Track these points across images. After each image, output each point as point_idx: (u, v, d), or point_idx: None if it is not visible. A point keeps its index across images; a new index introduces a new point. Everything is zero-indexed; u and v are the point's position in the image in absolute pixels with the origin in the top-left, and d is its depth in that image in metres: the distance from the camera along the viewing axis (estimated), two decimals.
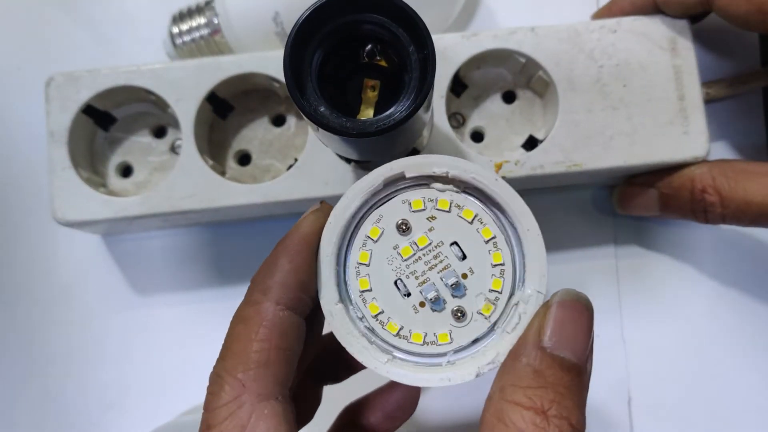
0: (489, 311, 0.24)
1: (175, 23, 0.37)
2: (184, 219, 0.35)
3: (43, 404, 0.39)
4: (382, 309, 0.24)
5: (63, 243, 0.39)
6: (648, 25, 0.34)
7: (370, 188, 0.24)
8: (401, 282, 0.24)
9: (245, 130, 0.36)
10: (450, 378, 0.23)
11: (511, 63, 0.35)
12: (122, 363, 0.39)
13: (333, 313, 0.24)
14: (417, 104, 0.23)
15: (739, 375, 0.38)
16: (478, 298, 0.24)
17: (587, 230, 0.39)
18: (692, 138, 0.33)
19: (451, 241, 0.24)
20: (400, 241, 0.24)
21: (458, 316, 0.24)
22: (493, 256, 0.24)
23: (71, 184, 0.33)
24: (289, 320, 0.23)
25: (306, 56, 0.24)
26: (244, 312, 0.23)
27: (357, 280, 0.24)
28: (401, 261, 0.24)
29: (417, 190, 0.24)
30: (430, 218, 0.24)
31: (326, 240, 0.24)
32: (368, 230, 0.24)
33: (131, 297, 0.39)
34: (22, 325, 0.39)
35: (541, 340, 0.22)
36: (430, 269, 0.24)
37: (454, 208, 0.24)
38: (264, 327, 0.23)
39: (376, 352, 0.24)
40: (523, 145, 0.35)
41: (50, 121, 0.34)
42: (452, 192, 0.24)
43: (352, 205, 0.24)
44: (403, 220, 0.24)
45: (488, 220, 0.24)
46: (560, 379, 0.21)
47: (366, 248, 0.24)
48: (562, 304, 0.22)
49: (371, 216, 0.24)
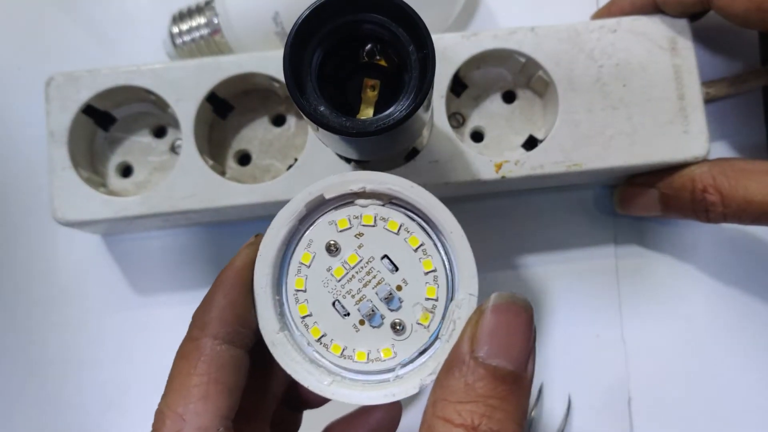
0: (427, 320, 0.24)
1: (175, 23, 0.37)
2: (185, 219, 0.35)
3: (43, 404, 0.39)
4: (324, 332, 0.24)
5: (63, 243, 0.39)
6: (648, 25, 0.34)
7: (294, 215, 0.24)
8: (338, 303, 0.24)
9: (245, 130, 0.36)
10: (394, 393, 0.23)
11: (511, 63, 0.35)
12: (122, 363, 0.39)
13: (275, 342, 0.24)
14: (417, 103, 0.23)
15: (739, 375, 0.38)
16: (415, 308, 0.24)
17: (587, 230, 0.39)
18: (692, 137, 0.33)
19: (382, 255, 0.24)
20: (332, 262, 0.24)
21: (398, 329, 0.24)
22: (423, 263, 0.24)
23: (71, 184, 0.33)
24: (228, 354, 0.24)
25: (306, 56, 0.24)
26: (185, 348, 0.24)
27: (297, 307, 0.24)
28: (336, 282, 0.24)
29: (341, 209, 0.24)
30: (357, 235, 0.24)
31: (259, 272, 0.24)
32: (300, 256, 0.24)
33: (131, 297, 0.39)
34: (21, 325, 0.39)
35: (474, 349, 0.21)
36: (365, 286, 0.24)
37: (379, 221, 0.24)
38: (202, 362, 0.23)
39: (321, 375, 0.24)
40: (523, 145, 0.35)
41: (50, 121, 0.34)
42: (376, 206, 0.24)
43: (280, 234, 0.24)
44: (332, 241, 0.24)
45: (414, 228, 0.24)
46: (493, 391, 0.20)
47: (301, 274, 0.24)
48: (495, 309, 0.22)
49: (301, 242, 0.24)
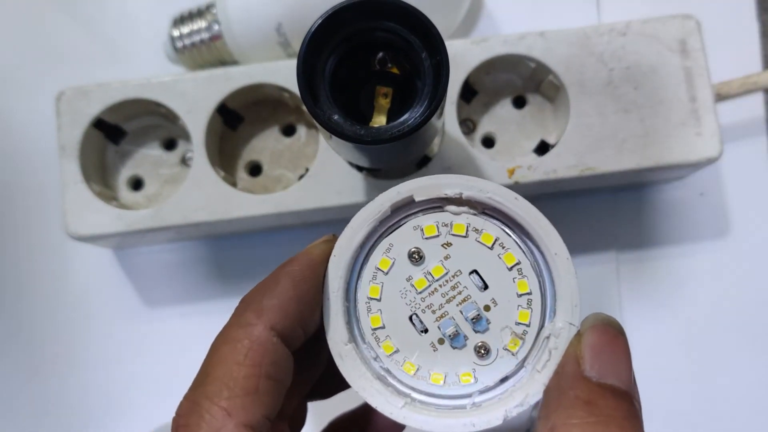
0: (516, 347, 0.22)
1: (175, 26, 0.37)
2: (197, 231, 0.35)
3: (45, 407, 0.39)
4: (397, 348, 0.22)
5: (75, 257, 0.39)
6: (657, 28, 0.33)
7: (377, 215, 0.22)
8: (417, 317, 0.22)
9: (256, 141, 0.36)
10: (474, 423, 0.21)
11: (521, 68, 0.34)
12: (131, 371, 0.39)
13: (343, 354, 0.22)
14: (431, 110, 0.23)
15: (739, 375, 0.38)
16: (503, 332, 0.22)
17: (589, 234, 0.39)
18: (705, 139, 0.33)
19: (470, 270, 0.22)
20: (414, 271, 0.22)
21: (482, 353, 0.22)
22: (518, 284, 0.22)
23: (83, 199, 0.33)
24: (282, 351, 0.21)
25: (319, 64, 0.23)
26: (232, 333, 0.21)
27: (368, 317, 0.22)
28: (416, 294, 0.22)
29: (429, 214, 0.22)
30: (445, 245, 0.22)
31: (332, 274, 0.22)
32: (378, 261, 0.22)
33: (141, 309, 0.39)
34: (34, 338, 0.39)
35: (583, 370, 0.19)
36: (448, 302, 0.22)
37: (472, 232, 0.22)
38: (255, 351, 0.20)
39: (392, 395, 0.22)
40: (535, 150, 0.35)
41: (61, 135, 0.34)
42: (468, 214, 0.22)
43: (358, 235, 0.22)
44: (416, 248, 0.22)
45: (511, 244, 0.22)
46: (616, 409, 0.19)
47: (376, 281, 0.22)
48: (594, 330, 0.20)
49: (380, 246, 0.22)
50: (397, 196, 0.22)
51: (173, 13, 0.38)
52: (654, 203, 0.39)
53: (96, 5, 0.42)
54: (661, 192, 0.39)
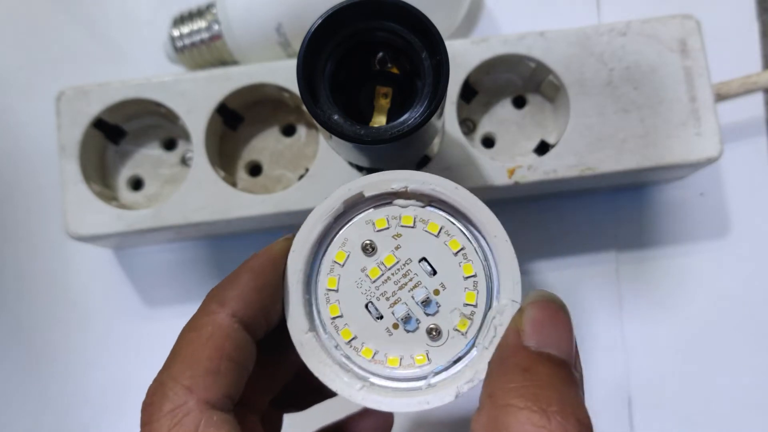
0: (465, 327, 0.23)
1: (175, 26, 0.37)
2: (196, 231, 0.35)
3: (45, 407, 0.39)
4: (355, 334, 0.23)
5: (75, 258, 0.39)
6: (657, 28, 0.33)
7: (331, 212, 0.23)
8: (372, 305, 0.23)
9: (256, 141, 0.36)
10: (428, 401, 0.22)
11: (521, 68, 0.34)
12: (127, 369, 0.39)
13: (303, 342, 0.23)
14: (431, 110, 0.23)
15: (739, 375, 0.38)
16: (452, 313, 0.23)
17: (589, 234, 0.39)
18: (705, 139, 0.33)
19: (420, 257, 0.23)
20: (368, 262, 0.23)
21: (433, 334, 0.23)
22: (463, 268, 0.23)
23: (83, 199, 0.33)
24: (243, 337, 0.22)
25: (319, 64, 0.23)
26: (197, 321, 0.22)
27: (327, 307, 0.23)
28: (370, 283, 0.23)
29: (380, 208, 0.24)
30: (395, 236, 0.23)
31: (292, 268, 0.23)
32: (334, 255, 0.24)
33: (142, 310, 0.39)
34: (34, 338, 0.39)
35: (522, 340, 0.20)
36: (401, 288, 0.23)
37: (419, 222, 0.23)
38: (217, 336, 0.21)
39: (351, 379, 0.23)
40: (535, 150, 0.35)
41: (61, 135, 0.34)
42: (415, 207, 0.24)
43: (315, 231, 0.23)
44: (369, 240, 0.23)
45: (455, 231, 0.23)
46: (554, 375, 0.19)
47: (333, 273, 0.24)
48: (535, 305, 0.21)
49: (336, 240, 0.24)
50: (348, 192, 0.23)
51: (173, 13, 0.38)
52: (654, 203, 0.39)
53: (96, 5, 0.42)
54: (661, 192, 0.39)
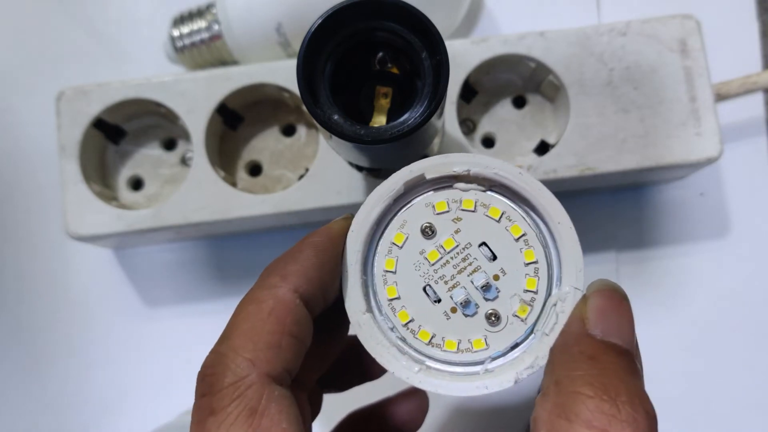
0: (525, 313, 0.23)
1: (175, 26, 0.37)
2: (196, 231, 0.35)
3: (45, 407, 0.39)
4: (413, 317, 0.23)
5: (75, 258, 0.39)
6: (657, 28, 0.33)
7: (391, 193, 0.23)
8: (430, 288, 0.23)
9: (256, 141, 0.36)
10: (487, 386, 0.22)
11: (521, 68, 0.34)
12: (127, 368, 0.39)
13: (361, 323, 0.23)
14: (431, 110, 0.23)
15: (739, 376, 0.38)
16: (512, 299, 0.23)
17: (589, 234, 0.39)
18: (705, 139, 0.33)
19: (480, 242, 0.23)
20: (426, 245, 0.23)
21: (492, 320, 0.23)
22: (524, 254, 0.23)
23: (83, 199, 0.33)
24: (304, 313, 0.22)
25: (319, 64, 0.23)
26: (257, 294, 0.22)
27: (384, 289, 0.23)
28: (429, 266, 0.23)
29: (440, 191, 0.23)
30: (455, 220, 0.23)
31: (351, 248, 0.23)
32: (393, 236, 0.23)
33: (142, 310, 0.39)
34: (34, 338, 0.39)
35: (587, 329, 0.20)
36: (460, 272, 0.23)
37: (480, 207, 0.23)
38: (278, 310, 0.21)
39: (408, 361, 0.23)
40: (535, 150, 0.35)
41: (61, 135, 0.34)
42: (476, 191, 0.23)
43: (374, 212, 0.23)
44: (428, 223, 0.23)
45: (517, 216, 0.23)
46: (619, 364, 0.19)
47: (392, 255, 0.23)
48: (600, 294, 0.21)
49: (395, 222, 0.23)
50: (409, 174, 0.23)
51: (173, 13, 0.38)
52: (654, 203, 0.39)
53: (96, 5, 0.42)
54: (661, 192, 0.39)
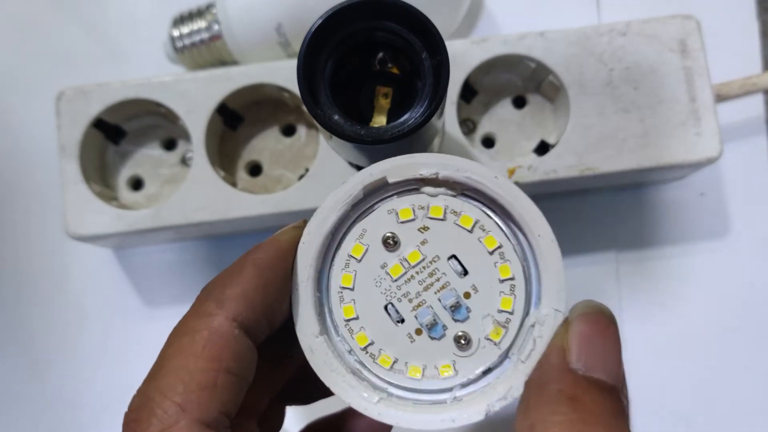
0: (499, 336, 0.20)
1: (175, 26, 0.37)
2: (197, 231, 0.35)
3: (44, 406, 0.39)
4: (372, 339, 0.21)
5: (75, 258, 0.39)
6: (657, 28, 0.33)
7: (348, 199, 0.21)
8: (392, 306, 0.21)
9: (256, 141, 0.36)
10: (454, 419, 0.20)
11: (521, 68, 0.34)
12: (131, 371, 0.38)
13: (313, 347, 0.20)
14: (431, 110, 0.23)
15: (739, 376, 0.38)
16: (485, 320, 0.20)
17: (589, 234, 0.39)
18: (705, 139, 0.33)
19: (449, 255, 0.21)
20: (389, 258, 0.21)
21: (462, 343, 0.20)
22: (500, 269, 0.20)
23: (83, 199, 0.33)
24: (244, 343, 0.19)
25: (319, 64, 0.23)
26: (190, 323, 0.19)
27: (341, 307, 0.21)
28: (391, 282, 0.21)
29: (404, 196, 0.21)
30: (421, 229, 0.21)
31: (302, 262, 0.21)
32: (350, 248, 0.21)
33: (142, 310, 0.39)
34: (34, 337, 0.39)
35: (569, 362, 0.18)
36: (426, 289, 0.21)
37: (450, 214, 0.21)
38: (214, 343, 0.19)
39: (366, 390, 0.20)
40: (535, 150, 0.35)
41: (61, 135, 0.34)
42: (446, 196, 0.21)
43: (329, 220, 0.21)
44: (390, 233, 0.21)
45: (491, 226, 0.21)
46: (603, 406, 0.17)
47: (349, 269, 0.21)
48: (584, 318, 0.19)
49: (353, 231, 0.21)
50: (369, 177, 0.21)
51: (173, 13, 0.38)
52: (654, 203, 0.39)
53: (96, 5, 0.42)
54: (661, 192, 0.39)
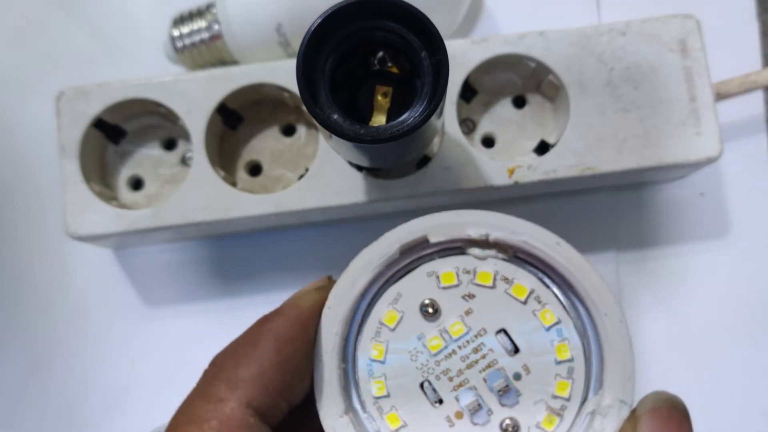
0: (552, 425, 0.18)
1: (175, 26, 0.37)
2: (197, 231, 0.35)
3: (44, 406, 0.39)
4: (405, 422, 0.18)
5: (75, 258, 0.39)
6: (657, 27, 0.33)
7: (382, 259, 0.19)
8: (429, 385, 0.18)
9: (255, 141, 0.36)
10: None
11: (521, 67, 0.34)
12: (126, 369, 0.39)
13: (337, 429, 0.18)
14: (431, 110, 0.23)
15: (739, 376, 0.38)
16: (537, 406, 0.18)
17: (589, 234, 0.39)
18: (705, 139, 0.33)
19: (498, 329, 0.18)
20: (427, 328, 0.18)
21: (509, 431, 0.18)
22: (557, 348, 0.18)
23: (83, 198, 0.33)
24: (260, 431, 0.17)
25: (318, 64, 0.23)
26: (198, 409, 0.17)
27: (370, 383, 0.18)
28: (429, 356, 0.18)
29: (447, 258, 0.19)
30: (466, 297, 0.19)
31: (326, 330, 0.18)
32: (382, 315, 0.19)
33: (142, 310, 0.39)
34: (34, 337, 0.39)
35: None
36: (469, 367, 0.18)
37: (500, 281, 0.18)
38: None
39: None
40: (535, 150, 0.35)
41: (61, 135, 0.34)
42: (496, 260, 0.19)
43: (359, 281, 0.19)
44: (430, 300, 0.19)
45: (549, 297, 0.18)
46: None
47: (380, 339, 0.19)
48: (655, 415, 0.16)
49: (386, 295, 0.19)
50: (407, 235, 0.19)
51: (173, 13, 0.38)
52: (654, 203, 0.39)
53: (96, 5, 0.42)
54: (661, 192, 0.39)
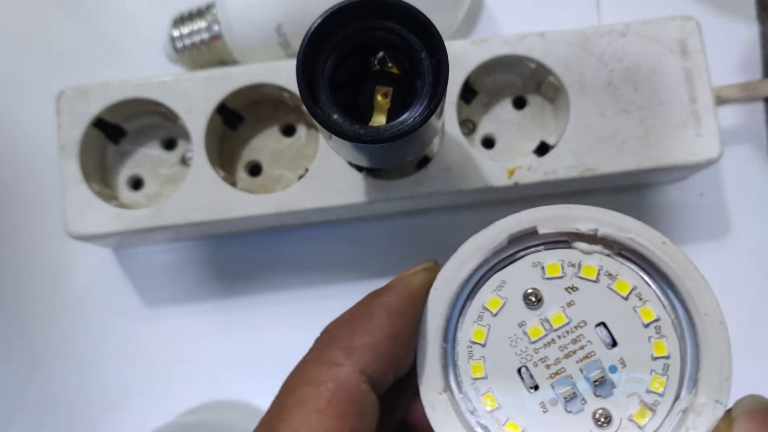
0: (644, 419, 0.18)
1: (175, 26, 0.37)
2: (196, 231, 0.35)
3: (44, 409, 0.39)
4: (500, 404, 0.19)
5: (75, 257, 0.39)
6: (657, 29, 0.33)
7: (491, 246, 0.19)
8: (527, 370, 0.19)
9: (256, 141, 0.36)
10: None
11: (521, 68, 0.34)
12: (126, 368, 0.39)
13: (435, 405, 0.19)
14: (431, 110, 0.23)
15: (739, 376, 0.37)
16: (630, 399, 0.18)
17: None
18: (705, 140, 0.33)
19: (598, 322, 0.19)
20: (528, 316, 0.19)
21: (601, 421, 0.18)
22: (654, 345, 0.18)
23: (83, 198, 0.33)
24: (371, 400, 0.17)
25: (318, 64, 0.23)
26: (314, 372, 0.17)
27: (469, 364, 0.19)
28: (528, 343, 0.19)
29: (553, 250, 0.19)
30: (569, 289, 0.19)
31: (432, 310, 0.19)
32: (486, 300, 0.19)
33: (142, 310, 0.39)
34: (34, 337, 0.39)
35: None
36: (567, 357, 0.19)
37: (604, 277, 0.19)
38: (340, 398, 0.17)
39: None
40: (535, 151, 0.35)
41: (61, 135, 0.34)
42: (602, 255, 0.19)
43: (467, 266, 0.19)
44: (533, 289, 0.19)
45: (650, 295, 0.19)
46: None
47: (482, 323, 0.19)
48: (752, 417, 0.17)
49: (490, 281, 0.19)
50: (517, 225, 0.19)
51: (173, 13, 0.38)
52: (654, 204, 0.39)
53: (96, 5, 0.42)
54: (662, 193, 0.39)
